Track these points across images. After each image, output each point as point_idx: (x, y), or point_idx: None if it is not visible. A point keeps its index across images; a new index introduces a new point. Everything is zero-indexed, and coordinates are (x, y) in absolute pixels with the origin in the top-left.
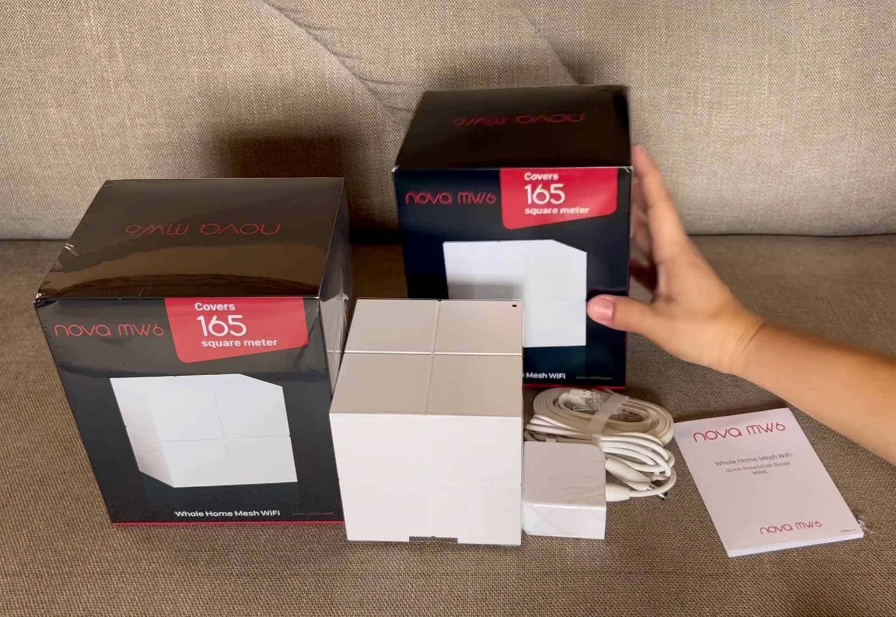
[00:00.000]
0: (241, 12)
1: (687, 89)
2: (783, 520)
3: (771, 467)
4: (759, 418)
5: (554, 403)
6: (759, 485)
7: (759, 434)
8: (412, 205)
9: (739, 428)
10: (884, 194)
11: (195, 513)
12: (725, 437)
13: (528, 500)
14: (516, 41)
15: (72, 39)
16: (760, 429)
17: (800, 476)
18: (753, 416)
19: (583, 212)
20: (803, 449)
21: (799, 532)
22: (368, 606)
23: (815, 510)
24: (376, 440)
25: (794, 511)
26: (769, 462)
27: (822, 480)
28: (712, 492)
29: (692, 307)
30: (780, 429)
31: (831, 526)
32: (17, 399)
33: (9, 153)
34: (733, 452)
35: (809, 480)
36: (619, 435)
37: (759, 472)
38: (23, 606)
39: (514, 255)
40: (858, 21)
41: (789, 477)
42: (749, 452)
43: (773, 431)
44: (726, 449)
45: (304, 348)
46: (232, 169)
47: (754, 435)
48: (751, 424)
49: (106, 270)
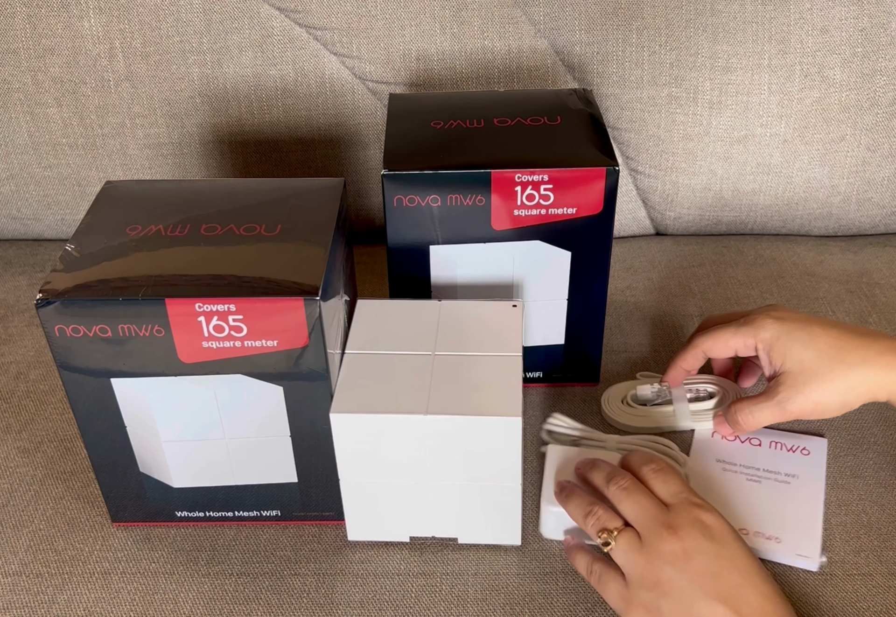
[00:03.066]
0: (241, 12)
1: (687, 89)
2: (743, 523)
3: (768, 481)
4: (788, 438)
5: (623, 401)
6: (745, 490)
7: (778, 451)
8: (400, 207)
9: (762, 440)
10: (884, 194)
11: (195, 513)
12: (744, 443)
13: (547, 503)
14: (516, 41)
15: (72, 40)
16: (784, 447)
17: (792, 495)
18: (785, 434)
19: (570, 212)
20: (813, 477)
21: (754, 540)
22: (368, 606)
23: (783, 527)
24: (376, 440)
25: (761, 520)
26: (769, 475)
27: (813, 506)
28: (694, 483)
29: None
30: (804, 453)
31: (790, 546)
32: (18, 399)
33: (9, 153)
34: (740, 457)
35: (799, 501)
36: (636, 438)
37: (753, 480)
38: (23, 605)
39: (499, 256)
40: (858, 21)
41: (780, 494)
42: (756, 461)
43: (795, 453)
44: (734, 452)
45: (304, 349)
46: (232, 169)
47: (773, 450)
48: (776, 440)
49: (106, 271)
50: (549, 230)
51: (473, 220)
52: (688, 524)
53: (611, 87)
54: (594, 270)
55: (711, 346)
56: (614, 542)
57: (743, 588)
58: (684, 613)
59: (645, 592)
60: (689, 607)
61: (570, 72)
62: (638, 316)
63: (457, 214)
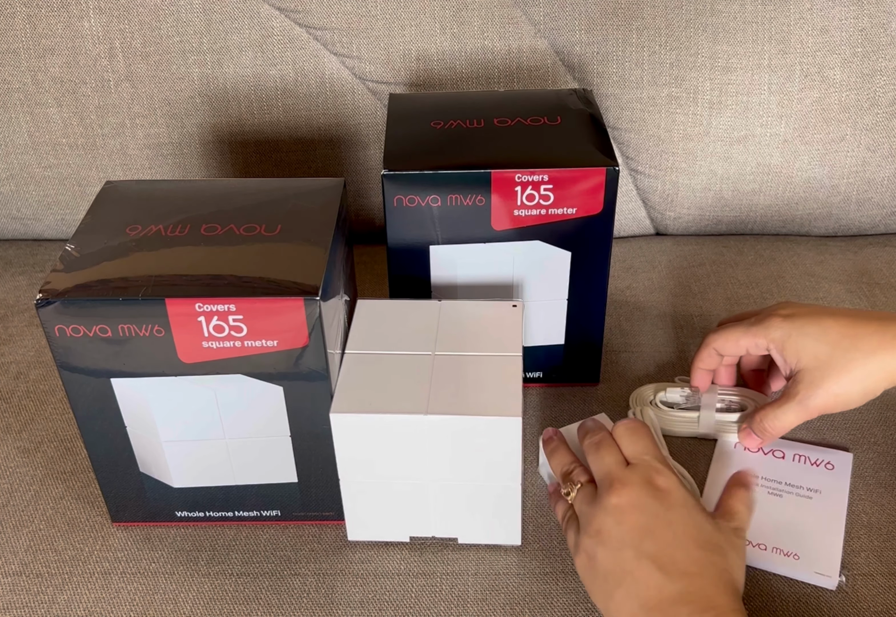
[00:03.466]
0: (241, 12)
1: (687, 89)
2: (761, 539)
3: (790, 495)
4: (812, 451)
5: (651, 402)
6: (766, 504)
7: (802, 464)
8: (400, 207)
9: (786, 452)
10: (884, 194)
11: (195, 513)
12: (767, 455)
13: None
14: (516, 41)
15: (72, 40)
16: (808, 460)
17: (813, 511)
18: (810, 448)
19: (570, 212)
20: (837, 491)
21: (771, 555)
22: (368, 606)
23: (802, 544)
24: (376, 440)
25: (780, 536)
26: (792, 489)
27: (834, 523)
28: (714, 493)
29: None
30: (829, 468)
31: (808, 563)
32: (18, 399)
33: (9, 153)
34: (763, 469)
35: (821, 518)
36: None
37: (775, 494)
38: (23, 605)
39: (499, 257)
40: (858, 21)
41: (802, 509)
42: (779, 475)
43: (820, 468)
44: (758, 464)
45: (304, 349)
46: (232, 169)
47: (797, 463)
48: (800, 453)
49: (106, 271)
50: (549, 230)
51: (473, 221)
52: (638, 482)
53: (611, 87)
54: (594, 270)
55: (722, 344)
56: (574, 492)
57: (672, 549)
58: (615, 562)
59: (587, 539)
60: (619, 558)
61: (570, 72)
62: (638, 316)
63: (457, 214)
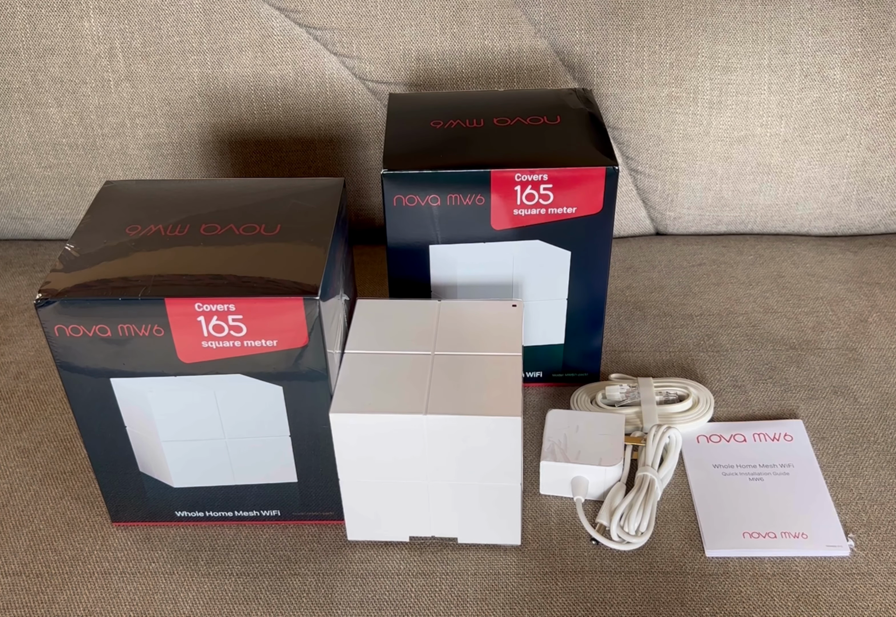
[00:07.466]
0: (241, 12)
1: (687, 89)
2: (769, 527)
3: (769, 475)
4: (767, 427)
5: (592, 401)
6: (753, 491)
7: (764, 443)
8: (399, 207)
9: (745, 434)
10: (884, 194)
11: (195, 513)
12: (730, 441)
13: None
14: (516, 41)
15: (72, 39)
16: (767, 437)
17: (796, 487)
18: (762, 424)
19: (570, 212)
20: (806, 461)
21: (783, 541)
22: (368, 606)
23: (805, 522)
24: (376, 440)
25: (783, 520)
26: (768, 470)
27: (819, 493)
28: (703, 493)
29: None
30: (788, 439)
31: (817, 539)
32: (18, 399)
33: (9, 153)
34: (733, 457)
35: (806, 491)
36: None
37: (756, 478)
38: (23, 605)
39: (499, 256)
40: (858, 21)
41: (785, 486)
42: (750, 458)
43: (780, 441)
44: (727, 453)
45: (304, 348)
46: (232, 169)
47: (759, 443)
48: (757, 432)
49: (106, 271)
50: (548, 230)
51: (473, 220)
52: None
53: (611, 87)
54: (594, 270)
55: None
56: None
57: None
58: None
59: None
60: None
61: (570, 72)
62: (638, 316)
63: (456, 214)
